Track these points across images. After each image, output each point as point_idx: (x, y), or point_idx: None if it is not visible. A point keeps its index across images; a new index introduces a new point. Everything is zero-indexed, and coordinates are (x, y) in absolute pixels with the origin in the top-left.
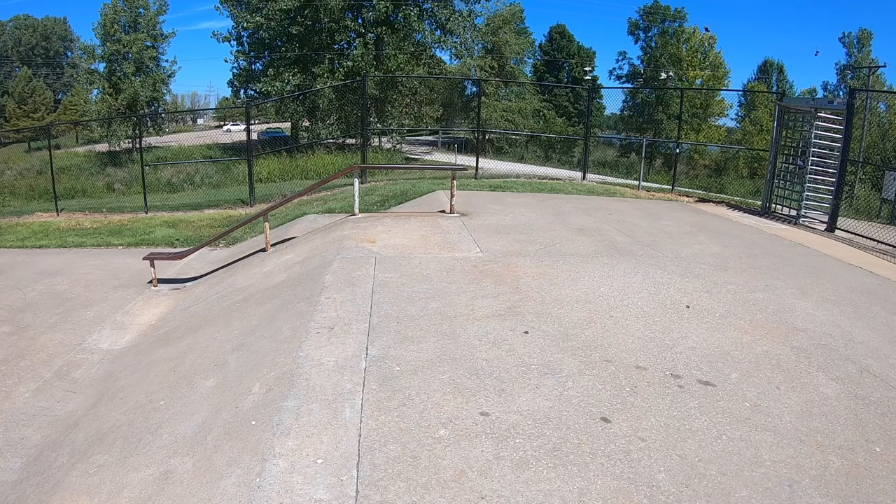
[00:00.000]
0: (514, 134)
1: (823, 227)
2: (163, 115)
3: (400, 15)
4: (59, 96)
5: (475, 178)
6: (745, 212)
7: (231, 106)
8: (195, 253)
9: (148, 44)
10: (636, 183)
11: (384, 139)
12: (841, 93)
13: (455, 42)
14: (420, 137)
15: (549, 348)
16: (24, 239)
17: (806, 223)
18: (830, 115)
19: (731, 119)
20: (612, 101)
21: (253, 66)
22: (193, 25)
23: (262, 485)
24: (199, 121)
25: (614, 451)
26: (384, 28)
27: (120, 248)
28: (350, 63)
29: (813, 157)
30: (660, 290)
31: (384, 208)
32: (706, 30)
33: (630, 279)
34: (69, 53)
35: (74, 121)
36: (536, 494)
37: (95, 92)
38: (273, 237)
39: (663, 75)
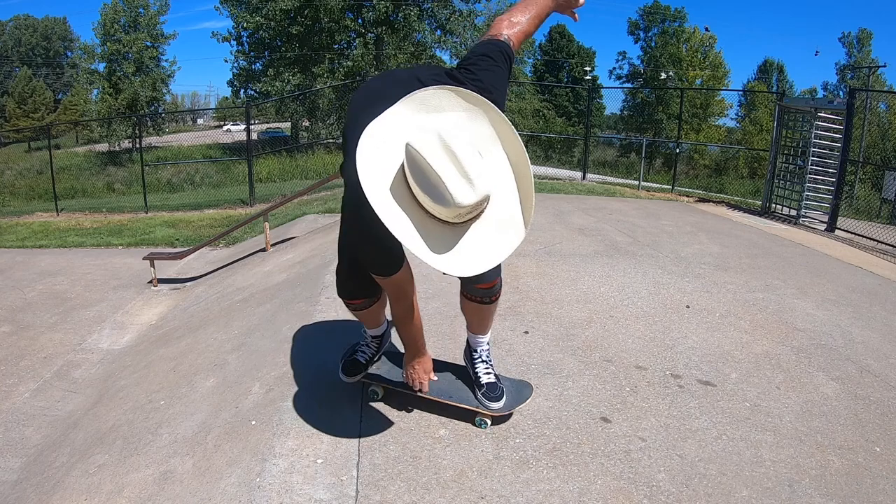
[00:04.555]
0: None
1: (823, 227)
2: (163, 115)
3: (400, 15)
4: (59, 96)
5: None
6: (745, 212)
7: (231, 106)
8: (195, 253)
9: (148, 44)
10: (636, 183)
11: None
12: (841, 93)
13: (455, 42)
14: None
15: (549, 348)
16: (24, 239)
17: (806, 223)
18: (830, 115)
19: (731, 119)
20: (612, 101)
21: (253, 66)
22: (193, 25)
23: (262, 485)
24: (199, 121)
25: (614, 450)
26: (384, 28)
27: (120, 248)
28: (350, 63)
29: (813, 157)
30: (660, 290)
31: None
32: (706, 30)
33: (630, 279)
34: (69, 53)
35: (74, 121)
36: (536, 494)
37: (95, 92)
38: (273, 237)
39: (663, 75)
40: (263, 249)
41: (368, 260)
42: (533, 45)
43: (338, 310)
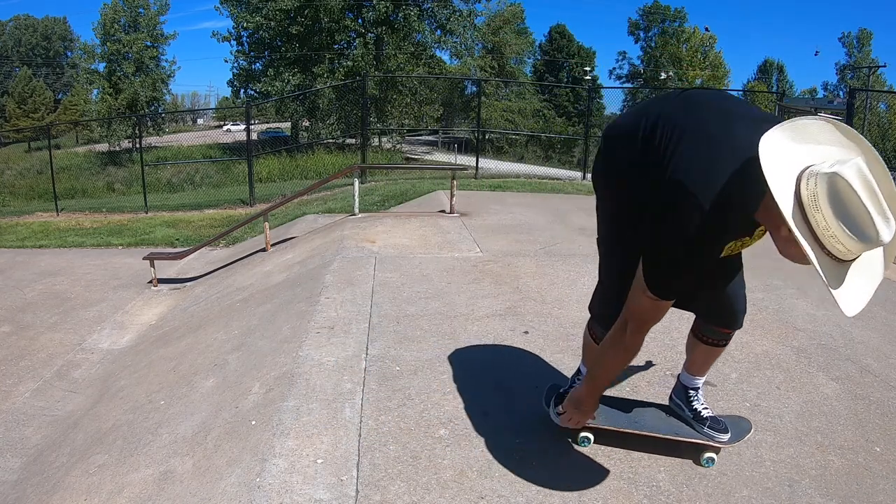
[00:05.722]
0: (514, 134)
1: None
2: (163, 115)
3: (400, 15)
4: (59, 96)
5: (475, 178)
6: None
7: (231, 106)
8: (195, 253)
9: (148, 44)
10: None
11: (384, 139)
12: (841, 93)
13: (455, 42)
14: (420, 137)
15: (549, 348)
16: (24, 239)
17: None
18: (830, 115)
19: None
20: (612, 101)
21: (253, 66)
22: (193, 25)
23: (262, 485)
24: (199, 120)
25: (614, 450)
26: (384, 28)
27: (120, 247)
28: (350, 63)
29: None
30: None
31: (384, 208)
32: (706, 30)
33: None
34: (69, 53)
35: (74, 121)
36: (536, 494)
37: (95, 92)
38: (273, 237)
39: (663, 75)
40: (263, 249)
41: (670, 278)
42: (533, 45)
43: (337, 309)
